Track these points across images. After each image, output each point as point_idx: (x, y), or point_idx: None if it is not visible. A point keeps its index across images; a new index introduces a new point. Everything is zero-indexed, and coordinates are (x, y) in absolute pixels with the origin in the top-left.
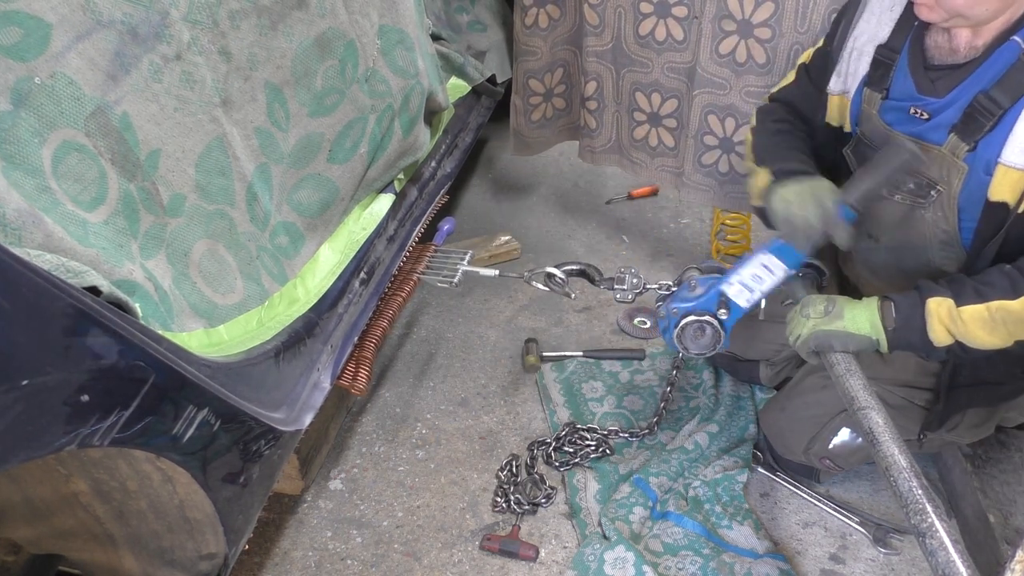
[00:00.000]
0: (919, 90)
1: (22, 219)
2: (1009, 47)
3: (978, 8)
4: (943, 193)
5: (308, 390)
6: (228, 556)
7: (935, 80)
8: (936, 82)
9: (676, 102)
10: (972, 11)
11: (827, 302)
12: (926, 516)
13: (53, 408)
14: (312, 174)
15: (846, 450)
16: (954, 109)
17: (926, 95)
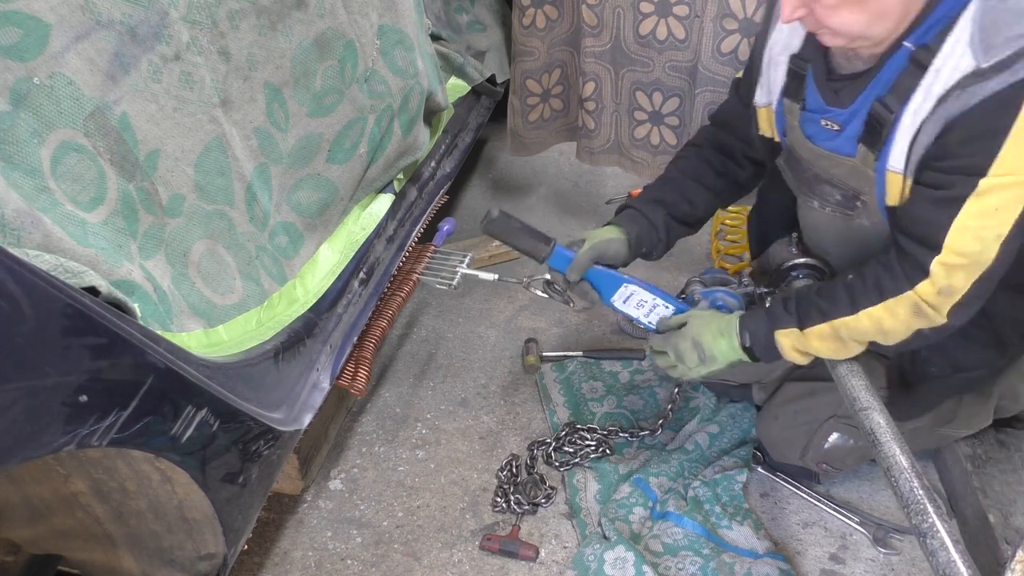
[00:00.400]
0: (826, 101)
1: (21, 219)
2: (901, 52)
3: (876, 28)
4: (867, 203)
5: (307, 390)
6: (227, 556)
7: (838, 91)
8: (839, 92)
9: (678, 100)
10: (871, 32)
11: (694, 347)
12: (927, 516)
13: (52, 408)
14: (311, 174)
15: (841, 452)
16: (858, 119)
17: (832, 106)
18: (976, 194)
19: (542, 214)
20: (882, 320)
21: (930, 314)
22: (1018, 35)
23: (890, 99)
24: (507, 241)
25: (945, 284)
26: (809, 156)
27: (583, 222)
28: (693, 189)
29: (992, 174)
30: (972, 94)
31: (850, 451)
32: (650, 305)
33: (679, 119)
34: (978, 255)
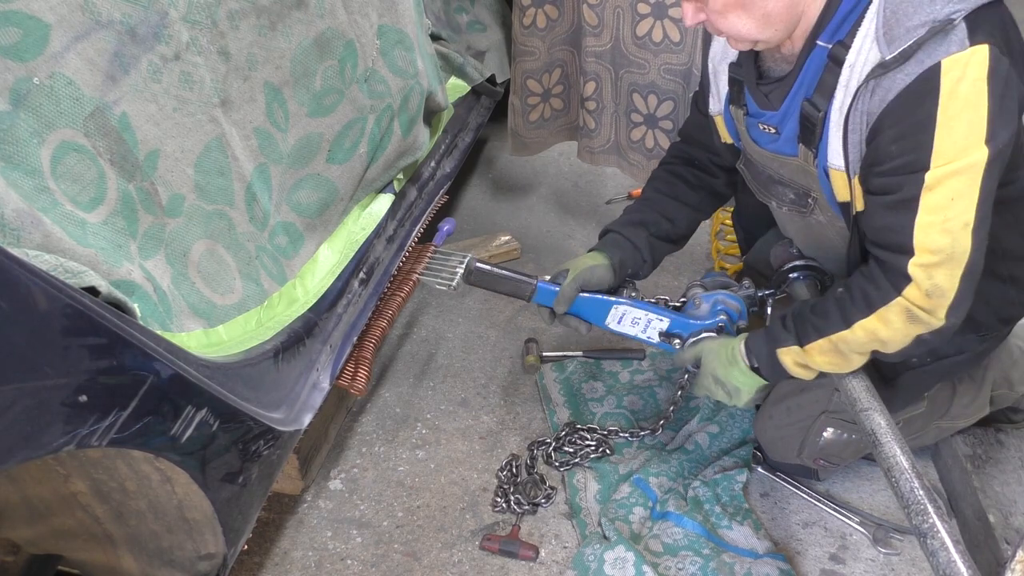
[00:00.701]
0: (760, 105)
1: (21, 219)
2: (817, 51)
3: (767, 32)
4: (817, 199)
5: (307, 390)
6: (227, 556)
7: (768, 94)
8: (769, 96)
9: (672, 104)
10: (764, 35)
11: (717, 385)
12: (927, 517)
13: (51, 408)
14: (311, 174)
15: (837, 446)
16: (792, 120)
17: (765, 109)
18: (927, 189)
19: (542, 214)
20: (877, 330)
21: (925, 318)
22: (917, 24)
23: (817, 98)
24: (491, 288)
25: (930, 285)
26: (759, 159)
27: (583, 222)
28: (672, 207)
29: (935, 165)
30: (884, 87)
31: (846, 445)
32: (644, 321)
33: (673, 123)
34: (951, 248)
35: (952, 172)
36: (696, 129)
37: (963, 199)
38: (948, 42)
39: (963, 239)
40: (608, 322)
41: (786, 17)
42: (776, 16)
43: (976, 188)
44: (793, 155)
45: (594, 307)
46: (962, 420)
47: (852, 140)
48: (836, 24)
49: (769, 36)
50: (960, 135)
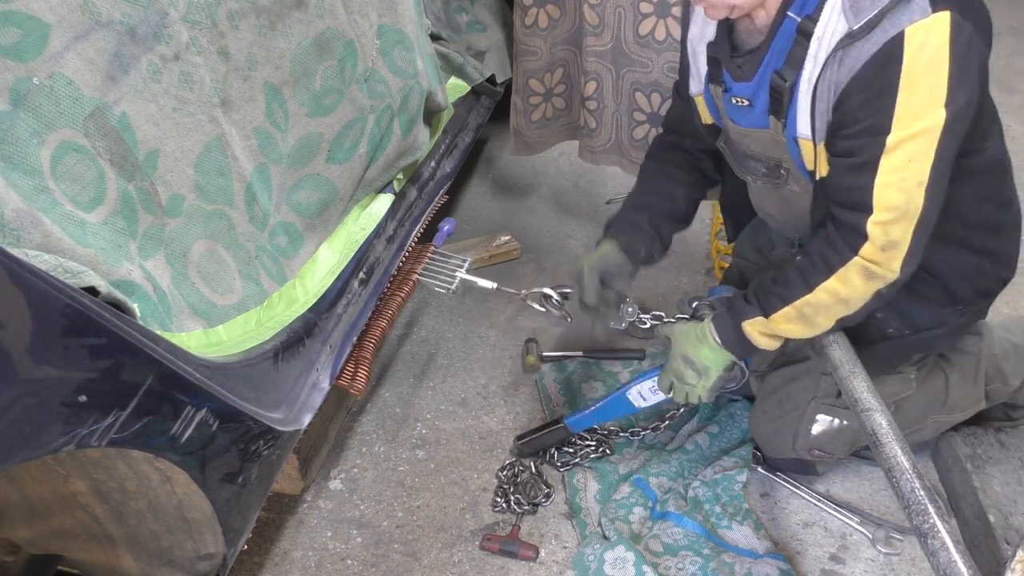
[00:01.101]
0: (734, 78)
1: (20, 219)
2: (787, 24)
3: None
4: (789, 169)
5: (307, 390)
6: (227, 556)
7: (741, 66)
8: (743, 67)
9: None
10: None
11: (686, 365)
12: (928, 517)
13: (51, 408)
14: (311, 174)
15: (829, 435)
16: (763, 92)
17: (739, 81)
18: (887, 152)
19: (542, 214)
20: (837, 290)
21: (881, 272)
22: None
23: (786, 70)
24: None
25: (885, 240)
26: (735, 135)
27: (583, 222)
28: (668, 186)
29: (895, 129)
30: (853, 57)
31: (838, 433)
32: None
33: None
34: (906, 205)
35: (910, 135)
36: (679, 116)
37: (919, 160)
38: (911, 10)
39: (917, 197)
40: (638, 405)
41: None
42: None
43: (932, 150)
44: (765, 127)
45: (617, 405)
46: (959, 412)
47: (819, 109)
48: None
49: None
50: (919, 99)
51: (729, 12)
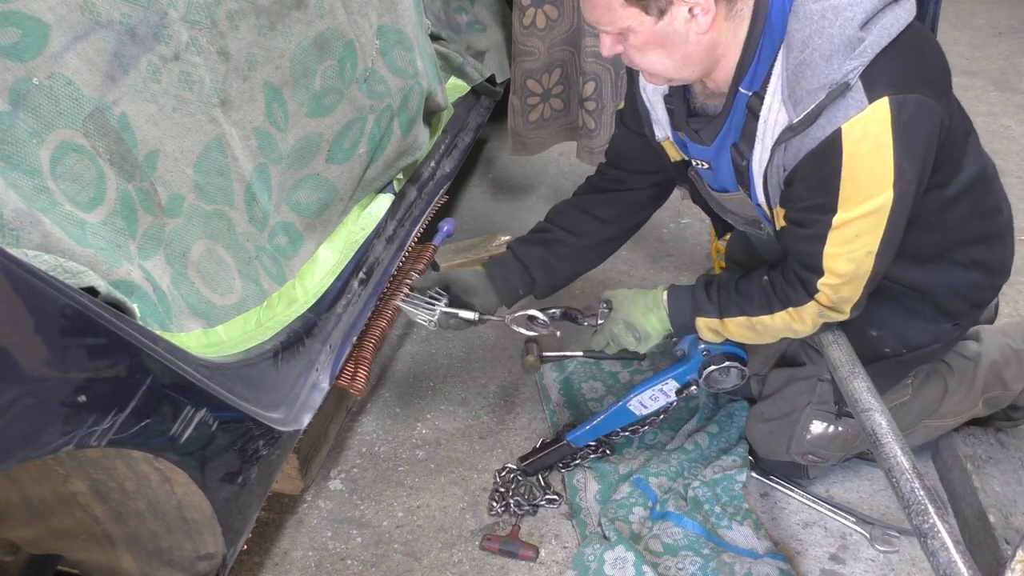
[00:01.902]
0: (692, 140)
1: (20, 219)
2: (740, 98)
3: (684, 72)
4: (764, 227)
5: (307, 390)
6: (226, 556)
7: (698, 130)
8: (700, 133)
9: None
10: (681, 75)
11: (628, 330)
12: (928, 517)
13: (51, 409)
14: (311, 174)
15: (823, 440)
16: (724, 161)
17: (697, 144)
18: (834, 228)
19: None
20: (792, 323)
21: (833, 316)
22: (816, 88)
23: (742, 145)
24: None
25: (836, 297)
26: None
27: None
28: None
29: (842, 210)
30: (795, 147)
31: (833, 438)
32: (658, 391)
33: None
34: (855, 271)
35: (857, 216)
36: (628, 148)
37: (868, 235)
38: (846, 105)
39: (866, 263)
40: (639, 414)
41: (704, 60)
42: (694, 58)
43: (882, 225)
44: (734, 191)
45: (618, 416)
46: (952, 419)
47: (771, 183)
48: (752, 74)
49: (685, 76)
50: (865, 185)
51: (668, 83)
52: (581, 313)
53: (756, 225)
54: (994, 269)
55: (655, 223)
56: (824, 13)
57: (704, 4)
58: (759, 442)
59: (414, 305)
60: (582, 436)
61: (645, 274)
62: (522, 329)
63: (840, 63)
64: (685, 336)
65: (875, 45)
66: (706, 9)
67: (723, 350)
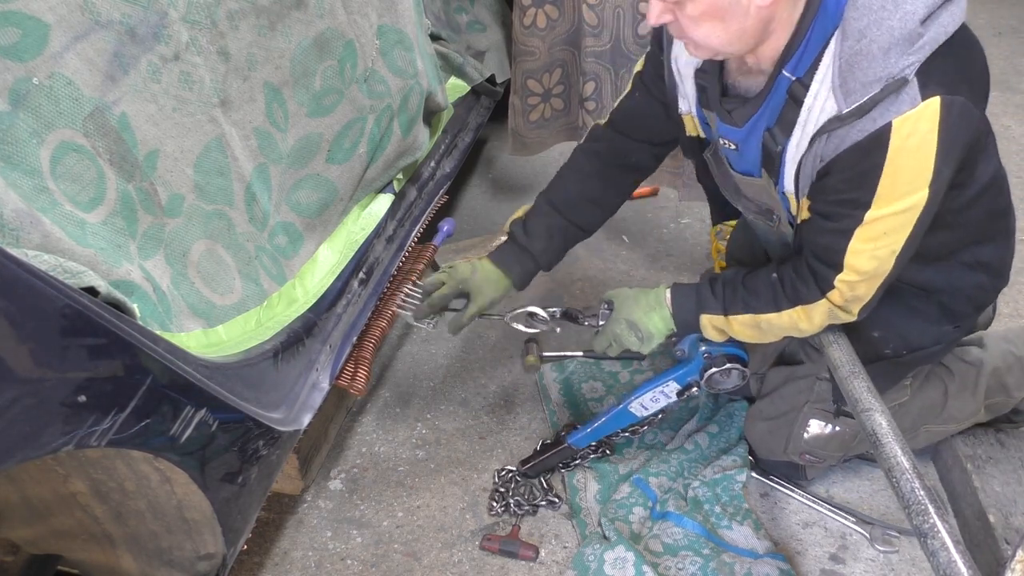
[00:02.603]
0: (722, 120)
1: (20, 219)
2: (782, 81)
3: (736, 46)
4: (780, 217)
5: (307, 390)
6: (226, 556)
7: (731, 111)
8: (732, 113)
9: None
10: (731, 48)
11: (630, 330)
12: (928, 517)
13: (51, 409)
14: (311, 174)
15: (820, 441)
16: (754, 144)
17: (727, 124)
18: (863, 224)
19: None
20: (799, 321)
21: (842, 316)
22: (872, 80)
23: (777, 131)
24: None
25: (851, 295)
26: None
27: None
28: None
29: (875, 207)
30: (839, 137)
31: (830, 439)
32: (659, 393)
33: None
34: (875, 270)
35: (890, 213)
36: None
37: (895, 233)
38: (900, 101)
39: (887, 263)
40: (640, 415)
41: (757, 35)
42: (749, 32)
43: (910, 226)
44: (757, 176)
45: (619, 418)
46: (954, 424)
47: (804, 172)
48: (798, 58)
49: (734, 50)
50: (903, 182)
51: (714, 56)
52: (581, 313)
53: (767, 215)
54: (997, 271)
55: (655, 223)
56: (884, 4)
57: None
58: (758, 441)
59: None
60: (583, 439)
61: (645, 274)
62: (521, 326)
63: (898, 57)
64: (688, 336)
65: (933, 42)
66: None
67: (724, 351)
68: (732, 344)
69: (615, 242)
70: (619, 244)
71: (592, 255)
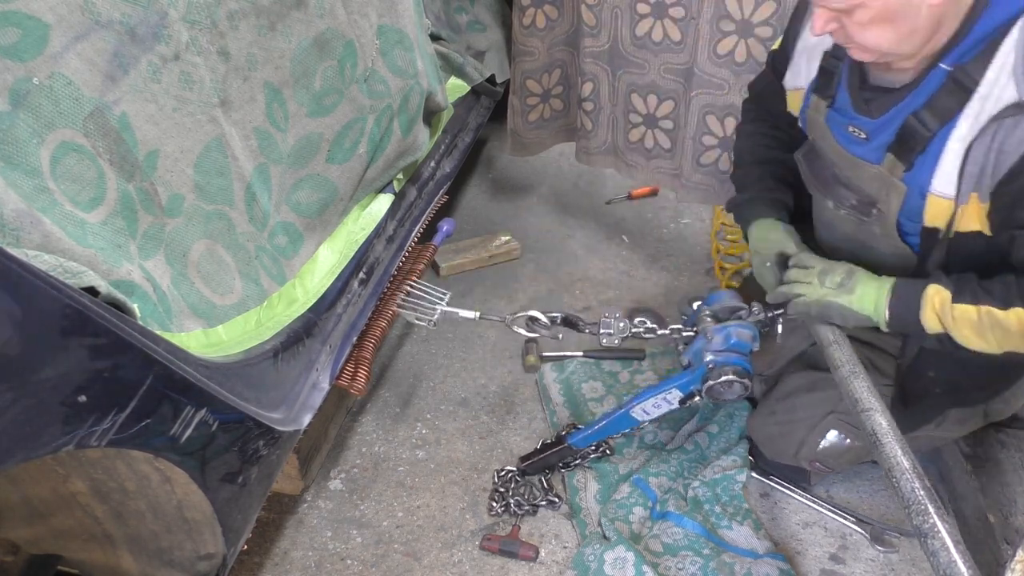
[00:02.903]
0: (855, 108)
1: (20, 220)
2: (937, 72)
3: (906, 45)
4: (883, 212)
5: (307, 390)
6: (227, 556)
7: (869, 101)
8: (870, 103)
9: (672, 104)
10: (901, 48)
11: (845, 275)
12: (928, 517)
13: (51, 409)
14: (311, 174)
15: (835, 452)
16: (889, 131)
17: (861, 114)
18: None
19: (542, 214)
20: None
21: None
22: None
23: (926, 115)
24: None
25: None
26: (833, 156)
27: (583, 222)
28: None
29: None
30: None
31: (846, 451)
32: (661, 399)
33: (673, 122)
34: None
35: None
36: (769, 92)
37: None
38: None
39: None
40: (641, 420)
41: (929, 34)
42: (920, 32)
43: None
44: (877, 163)
45: (620, 422)
46: (957, 430)
47: (970, 171)
48: (964, 48)
49: (905, 51)
50: None
51: (877, 57)
52: (582, 319)
53: (865, 209)
54: None
55: (655, 223)
56: None
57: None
58: (766, 441)
59: (413, 306)
60: (584, 440)
61: (645, 274)
62: (522, 330)
63: None
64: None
65: None
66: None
67: (729, 362)
68: (737, 356)
69: (615, 242)
70: (619, 244)
71: (592, 255)
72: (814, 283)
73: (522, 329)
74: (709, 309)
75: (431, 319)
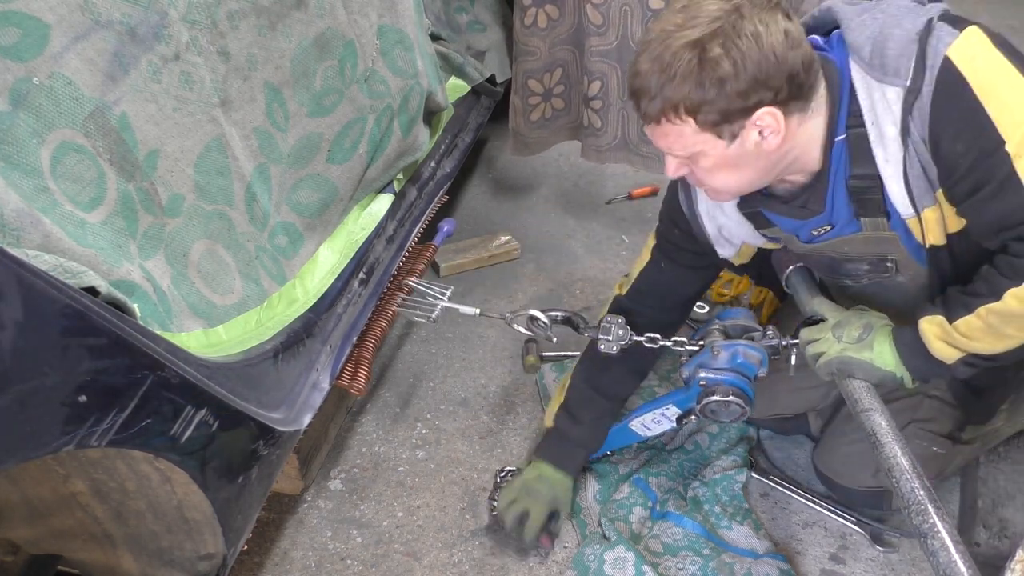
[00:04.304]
0: (798, 218)
1: (20, 219)
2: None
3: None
4: (897, 259)
5: (307, 390)
6: (227, 556)
7: (803, 205)
8: (807, 205)
9: None
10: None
11: (863, 329)
12: (928, 517)
13: (51, 409)
14: (311, 174)
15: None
16: (843, 207)
17: (807, 219)
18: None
19: (542, 214)
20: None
21: None
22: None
23: (858, 170)
24: None
25: None
26: (824, 253)
27: (583, 222)
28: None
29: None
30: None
31: (931, 460)
32: (660, 415)
33: None
34: None
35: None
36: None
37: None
38: (938, 38)
39: None
40: (642, 435)
41: (781, 165)
42: (770, 167)
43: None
44: (857, 232)
45: (619, 435)
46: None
47: (912, 177)
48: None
49: (759, 185)
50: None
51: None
52: (583, 321)
53: (882, 267)
54: None
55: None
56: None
57: (773, 125)
58: (839, 468)
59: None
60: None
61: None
62: (522, 329)
63: (914, 19)
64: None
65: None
66: (776, 130)
67: (723, 381)
68: (735, 376)
69: (615, 242)
70: (619, 244)
71: (592, 255)
72: (829, 338)
73: (522, 328)
74: (720, 323)
75: (432, 315)
